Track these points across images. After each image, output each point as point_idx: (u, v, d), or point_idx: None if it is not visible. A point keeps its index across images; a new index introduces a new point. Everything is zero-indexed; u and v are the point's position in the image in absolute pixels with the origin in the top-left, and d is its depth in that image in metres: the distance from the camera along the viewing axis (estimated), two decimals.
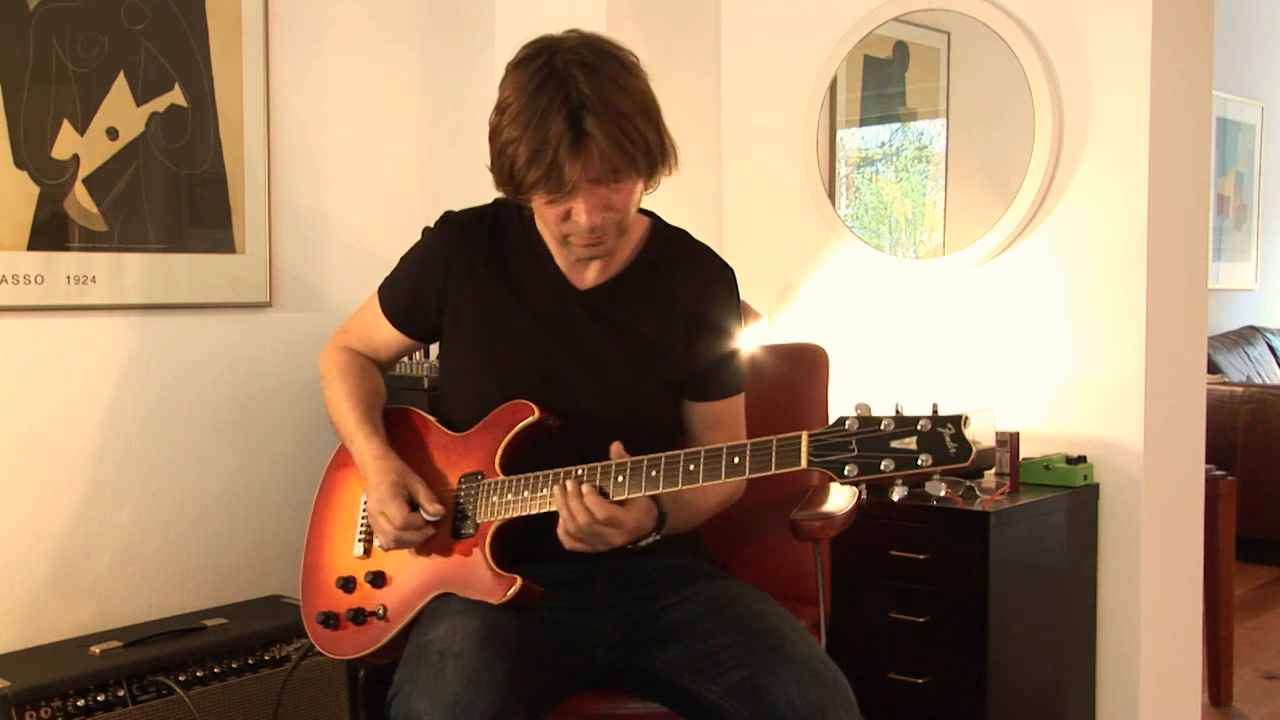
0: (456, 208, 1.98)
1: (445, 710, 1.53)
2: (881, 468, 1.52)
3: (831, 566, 2.21)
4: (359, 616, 1.87)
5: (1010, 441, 2.70)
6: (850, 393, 3.09)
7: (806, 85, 3.18)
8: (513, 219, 1.93)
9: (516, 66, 1.72)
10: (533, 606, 1.75)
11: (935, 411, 1.51)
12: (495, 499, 1.80)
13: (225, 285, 2.65)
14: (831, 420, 1.59)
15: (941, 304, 3.01)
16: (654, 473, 1.67)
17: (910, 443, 1.50)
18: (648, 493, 1.68)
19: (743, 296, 2.03)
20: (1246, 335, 6.11)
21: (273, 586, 2.73)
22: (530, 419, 1.82)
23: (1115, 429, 2.76)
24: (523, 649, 1.67)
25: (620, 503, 1.69)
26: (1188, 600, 3.01)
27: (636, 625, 1.82)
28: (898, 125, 3.19)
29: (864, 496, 2.50)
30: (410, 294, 1.97)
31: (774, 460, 1.60)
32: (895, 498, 2.60)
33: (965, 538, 2.51)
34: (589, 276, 1.89)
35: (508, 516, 1.78)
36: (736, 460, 1.63)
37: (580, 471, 1.71)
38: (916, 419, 1.51)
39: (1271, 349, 6.16)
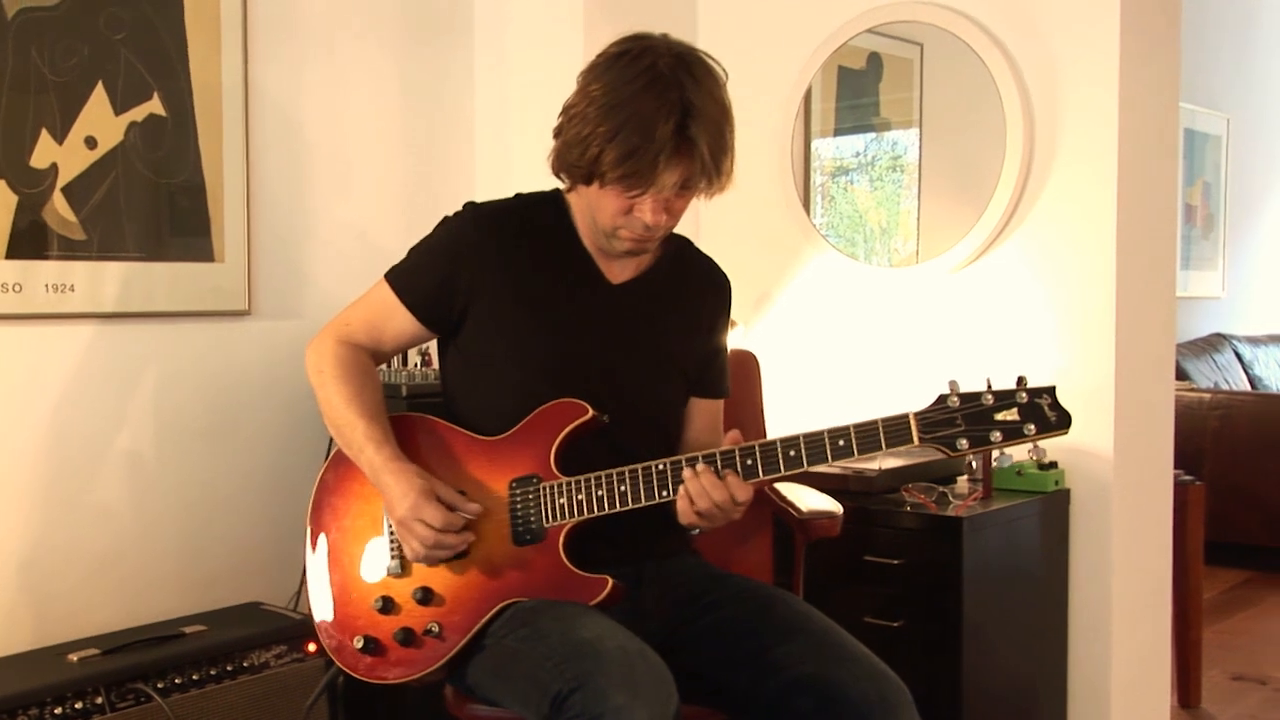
0: (435, 212, 1.97)
1: (647, 704, 1.55)
2: (991, 439, 1.64)
3: (806, 571, 2.24)
4: (408, 638, 1.80)
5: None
6: (826, 400, 3.12)
7: (782, 95, 3.21)
8: (545, 211, 1.91)
9: (613, 60, 1.75)
10: (617, 604, 1.76)
11: (1024, 384, 1.65)
12: (563, 501, 1.77)
13: (204, 293, 2.65)
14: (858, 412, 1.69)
15: (915, 312, 3.04)
16: (750, 461, 1.72)
17: (1013, 414, 1.64)
18: (752, 481, 1.73)
19: None
20: (1214, 343, 6.17)
21: (252, 593, 2.73)
22: (585, 418, 1.80)
23: (1086, 435, 2.79)
24: None
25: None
26: (1157, 604, 3.04)
27: (676, 627, 1.83)
28: (872, 135, 3.22)
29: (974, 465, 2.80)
30: (437, 282, 1.87)
31: (883, 440, 1.68)
32: (1002, 465, 2.74)
33: (939, 543, 2.54)
34: (621, 272, 1.92)
35: (584, 518, 1.77)
36: (842, 442, 1.69)
37: (713, 458, 1.73)
38: (1014, 391, 1.65)
39: (1239, 356, 6.23)
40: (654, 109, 1.68)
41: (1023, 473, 2.76)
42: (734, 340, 2.84)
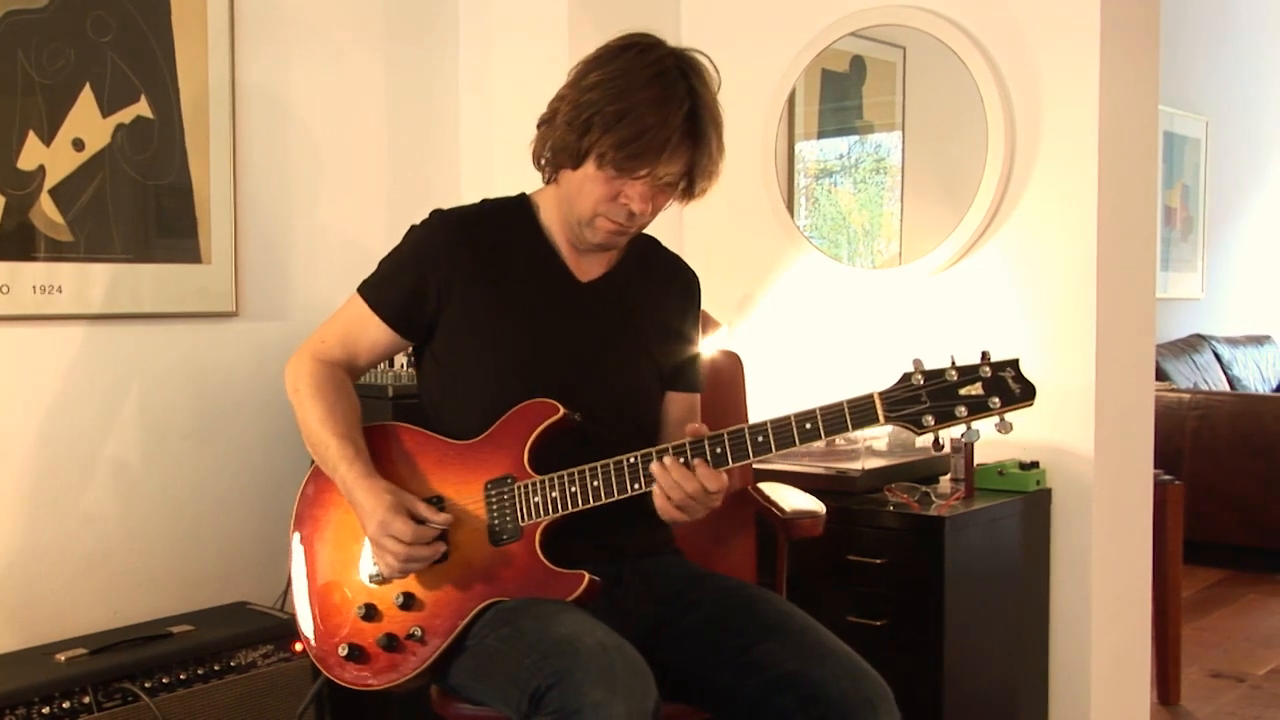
0: (421, 213, 1.98)
1: (625, 699, 1.55)
2: (957, 414, 1.64)
3: (789, 571, 2.27)
4: (391, 643, 1.81)
5: (965, 448, 2.75)
6: (808, 400, 3.13)
7: (765, 98, 3.23)
8: (511, 213, 1.94)
9: (617, 52, 1.79)
10: (594, 600, 1.77)
11: (987, 359, 1.64)
12: (537, 500, 1.78)
13: (191, 295, 2.66)
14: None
15: (898, 313, 3.06)
16: (719, 450, 1.72)
17: (977, 388, 1.64)
18: (723, 469, 1.73)
19: (704, 305, 2.12)
20: (1193, 343, 6.22)
21: (239, 593, 2.74)
22: (556, 417, 1.81)
23: (1067, 435, 2.81)
24: None
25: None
26: (1137, 602, 3.07)
27: (658, 625, 1.84)
28: (855, 138, 3.24)
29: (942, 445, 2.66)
30: (408, 290, 1.90)
31: (849, 421, 1.69)
32: (971, 440, 2.68)
33: (922, 542, 2.56)
34: (590, 270, 1.94)
35: (558, 515, 1.78)
36: (809, 426, 1.70)
37: (683, 447, 1.73)
38: (977, 366, 1.65)
39: (1218, 357, 6.28)
40: (665, 96, 1.73)
41: (1004, 472, 2.78)
42: (718, 341, 2.87)
